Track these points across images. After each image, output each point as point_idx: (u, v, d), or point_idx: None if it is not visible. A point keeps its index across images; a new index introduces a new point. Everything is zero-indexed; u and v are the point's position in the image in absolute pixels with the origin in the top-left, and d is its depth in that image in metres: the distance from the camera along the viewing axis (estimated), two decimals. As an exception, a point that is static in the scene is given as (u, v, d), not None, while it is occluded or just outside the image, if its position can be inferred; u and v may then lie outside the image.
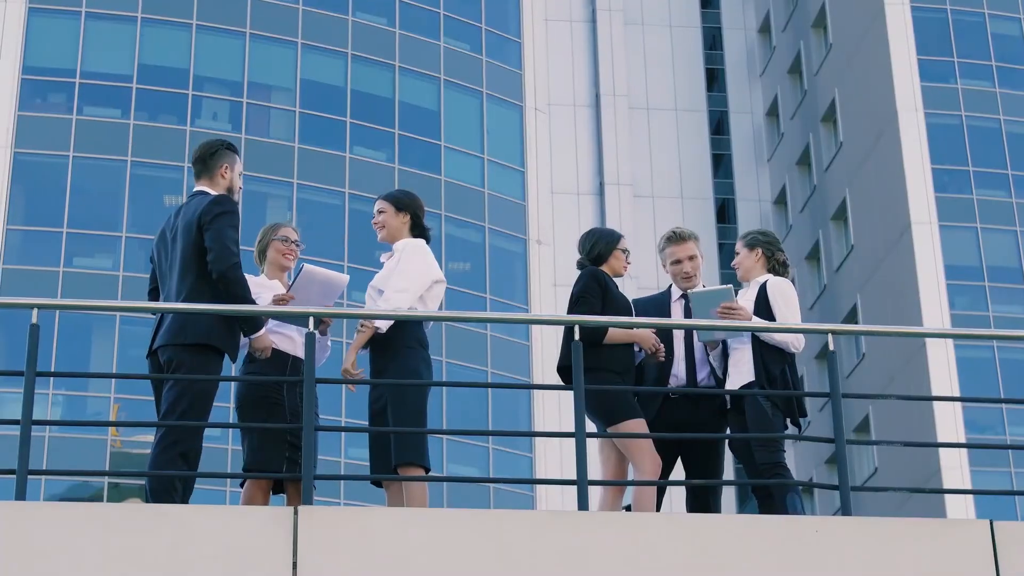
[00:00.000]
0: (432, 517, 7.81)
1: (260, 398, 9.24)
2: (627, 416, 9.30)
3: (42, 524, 7.40)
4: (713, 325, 9.16)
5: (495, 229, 42.87)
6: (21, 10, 40.47)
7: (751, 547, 7.82)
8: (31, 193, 39.47)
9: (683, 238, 9.94)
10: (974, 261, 45.35)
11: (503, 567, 7.59)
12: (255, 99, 41.48)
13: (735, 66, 59.82)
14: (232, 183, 9.19)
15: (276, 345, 9.31)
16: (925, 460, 43.45)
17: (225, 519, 7.57)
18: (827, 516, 8.11)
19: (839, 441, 8.45)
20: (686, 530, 7.94)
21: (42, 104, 40.26)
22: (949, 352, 43.59)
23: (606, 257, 9.78)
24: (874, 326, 8.33)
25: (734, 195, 58.12)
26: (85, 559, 7.30)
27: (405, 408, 8.94)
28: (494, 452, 40.18)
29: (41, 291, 36.80)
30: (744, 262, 9.79)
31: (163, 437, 8.49)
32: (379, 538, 7.58)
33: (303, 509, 7.55)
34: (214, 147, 9.23)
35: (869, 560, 7.84)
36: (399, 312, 9.02)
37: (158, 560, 7.34)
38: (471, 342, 40.97)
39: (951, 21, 47.79)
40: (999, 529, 7.90)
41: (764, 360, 9.30)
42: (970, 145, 46.37)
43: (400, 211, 9.56)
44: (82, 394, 37.83)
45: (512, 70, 45.29)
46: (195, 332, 8.63)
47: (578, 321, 8.88)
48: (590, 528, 7.79)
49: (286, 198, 40.82)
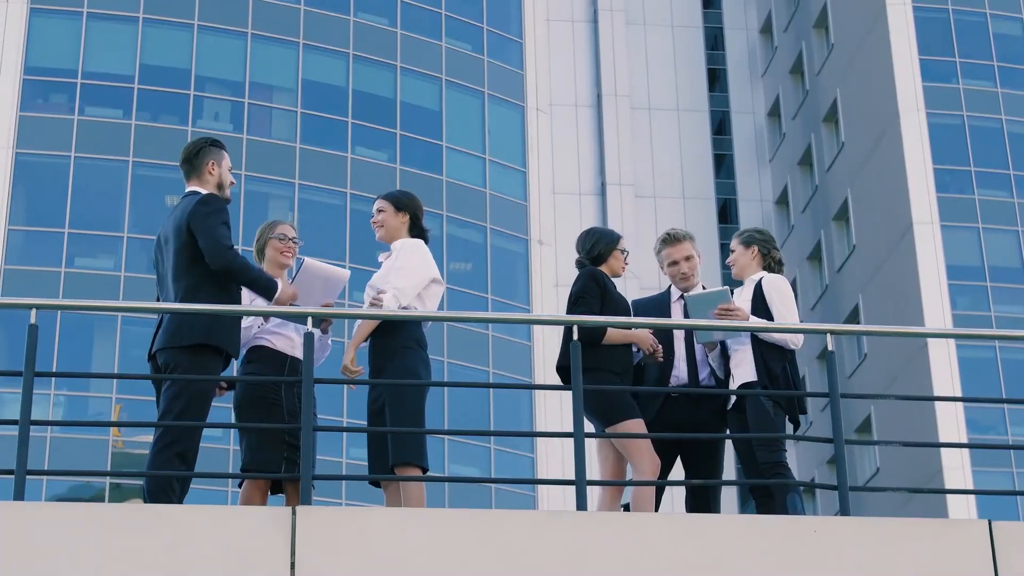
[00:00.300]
0: (430, 517, 7.81)
1: (258, 398, 9.23)
2: (626, 416, 9.31)
3: (41, 524, 7.40)
4: (711, 325, 9.16)
5: (496, 229, 42.87)
6: (23, 10, 40.48)
7: (749, 547, 7.82)
8: (33, 193, 39.47)
9: (678, 239, 9.93)
10: (976, 261, 45.32)
11: (502, 567, 7.59)
12: (256, 99, 41.49)
13: (737, 66, 59.81)
14: (221, 178, 9.15)
15: (275, 341, 9.34)
16: (927, 460, 43.42)
17: (223, 519, 7.58)
18: (826, 516, 8.10)
19: (838, 441, 8.45)
20: (684, 530, 7.94)
21: (44, 104, 40.27)
22: (951, 352, 43.56)
23: (605, 257, 9.78)
24: (872, 326, 8.32)
25: (736, 195, 58.11)
26: (84, 559, 7.30)
27: (403, 408, 8.94)
28: (495, 452, 40.17)
29: (43, 291, 36.80)
30: (740, 259, 9.78)
31: (160, 437, 8.51)
32: (377, 538, 7.58)
33: (301, 509, 7.55)
34: (198, 145, 9.21)
35: (868, 560, 7.83)
36: (398, 312, 9.02)
37: (156, 560, 7.34)
38: (473, 342, 40.97)
39: (953, 21, 47.77)
40: (998, 529, 7.90)
41: (765, 358, 9.30)
42: (972, 145, 46.34)
43: (400, 211, 9.56)
44: (84, 394, 37.84)
45: (513, 70, 45.28)
46: (192, 333, 8.64)
47: (576, 321, 8.88)
48: (588, 528, 7.79)
49: (287, 198, 40.82)
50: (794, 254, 54.86)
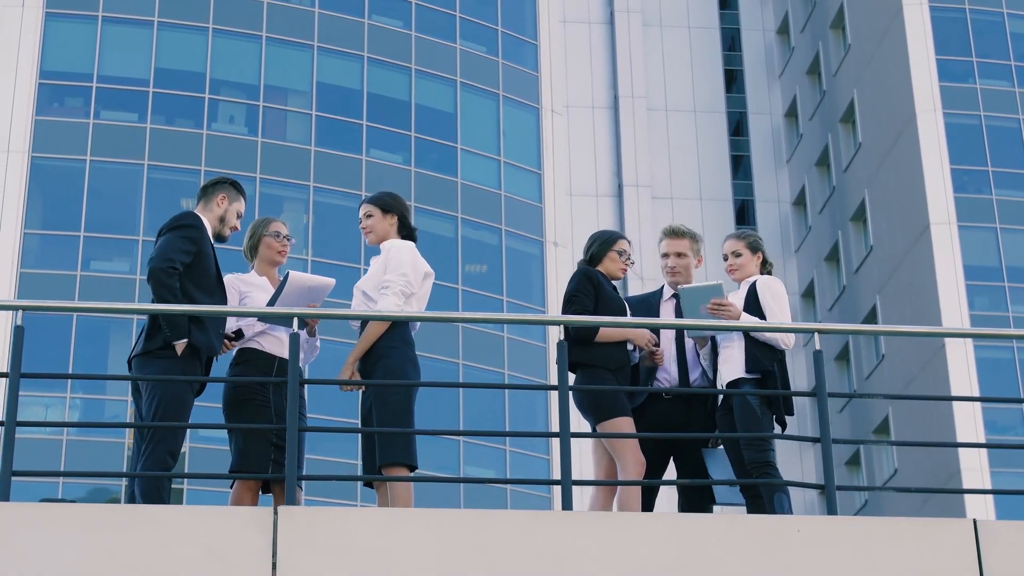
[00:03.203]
0: (412, 517, 7.81)
1: (245, 400, 9.25)
2: (615, 414, 9.31)
3: (23, 525, 7.42)
4: (702, 324, 9.15)
5: (511, 231, 42.86)
6: (38, 15, 40.61)
7: (732, 546, 7.80)
8: (48, 197, 39.61)
9: (677, 234, 9.95)
10: (993, 261, 45.20)
11: (483, 567, 7.58)
12: (271, 102, 41.55)
13: (754, 67, 59.72)
14: (226, 212, 9.25)
15: (264, 343, 9.36)
16: (945, 461, 43.30)
17: (205, 520, 7.59)
18: (810, 516, 8.08)
19: (825, 440, 8.43)
20: (666, 529, 7.92)
21: (59, 108, 40.40)
22: (969, 353, 43.44)
23: (600, 258, 9.80)
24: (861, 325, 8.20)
25: (753, 196, 58.01)
26: (66, 560, 7.32)
27: (388, 408, 8.96)
28: (511, 454, 40.16)
29: (59, 295, 36.91)
30: (747, 265, 9.76)
31: (148, 442, 8.53)
32: (359, 538, 7.58)
33: (283, 509, 7.56)
34: (219, 180, 9.37)
35: (852, 559, 7.81)
36: (383, 312, 9.03)
37: (138, 561, 7.36)
38: (488, 344, 40.97)
39: (969, 21, 47.64)
40: (983, 528, 7.87)
41: (755, 356, 9.29)
42: (989, 145, 46.21)
43: (387, 213, 9.57)
44: (100, 397, 37.92)
45: (528, 72, 45.27)
46: (165, 335, 8.69)
47: (564, 321, 8.91)
48: (570, 528, 7.78)
49: (303, 201, 40.88)
50: (811, 255, 54.78)
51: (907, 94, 46.89)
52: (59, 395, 36.58)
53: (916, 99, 46.45)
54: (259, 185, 39.70)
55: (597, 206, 54.88)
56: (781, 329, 9.21)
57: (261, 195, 39.57)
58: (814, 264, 54.26)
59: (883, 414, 47.37)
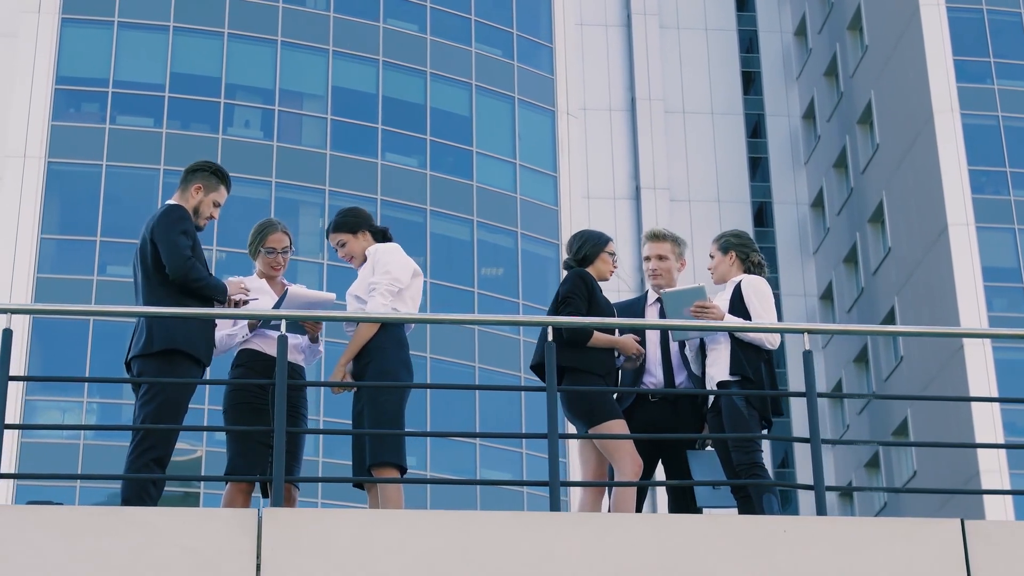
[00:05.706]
0: (397, 518, 7.81)
1: (243, 403, 9.26)
2: (608, 417, 9.28)
3: (5, 527, 7.43)
4: (688, 326, 9.14)
5: (527, 234, 42.85)
6: (54, 20, 40.75)
7: (720, 547, 7.78)
8: (65, 202, 39.73)
9: (659, 237, 9.94)
10: (1012, 263, 45.06)
11: (469, 568, 7.57)
12: (287, 107, 41.62)
13: (771, 69, 59.64)
14: (200, 204, 9.09)
15: (263, 345, 9.36)
16: (965, 463, 43.17)
17: (190, 521, 7.59)
18: (797, 516, 8.06)
19: (814, 441, 8.41)
20: (653, 530, 7.90)
21: (75, 114, 40.52)
22: (987, 354, 43.31)
23: (592, 259, 9.77)
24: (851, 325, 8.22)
25: (771, 198, 57.93)
26: (49, 562, 7.33)
27: (379, 409, 8.95)
28: (528, 457, 40.16)
29: (75, 299, 36.96)
30: (719, 266, 9.77)
31: (137, 444, 8.53)
32: (344, 540, 7.58)
33: (267, 511, 7.56)
34: (200, 167, 9.16)
35: (840, 560, 7.79)
36: (372, 314, 9.03)
37: (122, 563, 7.36)
38: (504, 347, 40.97)
39: (987, 21, 47.50)
40: (970, 528, 7.84)
41: (741, 358, 9.27)
42: (1007, 146, 46.08)
43: (357, 232, 9.59)
44: (116, 402, 37.99)
45: (544, 75, 45.26)
46: (161, 339, 8.66)
47: (553, 322, 8.90)
48: (557, 529, 7.76)
49: (318, 205, 40.93)
50: (830, 257, 54.67)
51: (924, 95, 46.77)
52: (75, 399, 36.67)
53: (933, 100, 46.33)
54: (275, 189, 39.77)
55: (615, 209, 54.86)
56: (766, 329, 9.19)
57: (277, 199, 39.63)
58: (832, 266, 54.15)
59: (902, 416, 47.25)
